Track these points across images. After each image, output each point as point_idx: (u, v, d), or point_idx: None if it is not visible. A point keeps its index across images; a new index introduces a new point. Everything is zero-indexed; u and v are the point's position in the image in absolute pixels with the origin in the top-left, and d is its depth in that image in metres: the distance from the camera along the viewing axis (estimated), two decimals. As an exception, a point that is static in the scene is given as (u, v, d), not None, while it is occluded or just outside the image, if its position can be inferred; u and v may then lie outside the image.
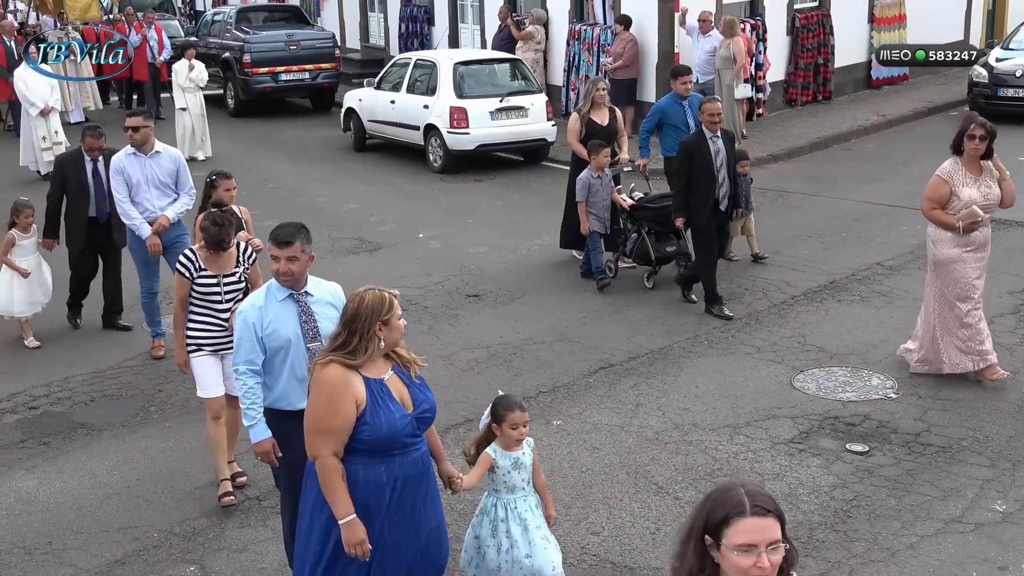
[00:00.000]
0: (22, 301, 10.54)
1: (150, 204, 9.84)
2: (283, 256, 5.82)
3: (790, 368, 9.47)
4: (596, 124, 12.13)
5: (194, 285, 7.27)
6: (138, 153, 9.83)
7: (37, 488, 7.84)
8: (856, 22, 21.59)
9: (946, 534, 6.84)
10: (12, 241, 10.45)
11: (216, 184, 8.69)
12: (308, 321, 5.92)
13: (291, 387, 5.96)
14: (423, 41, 24.73)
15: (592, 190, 11.48)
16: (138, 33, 22.37)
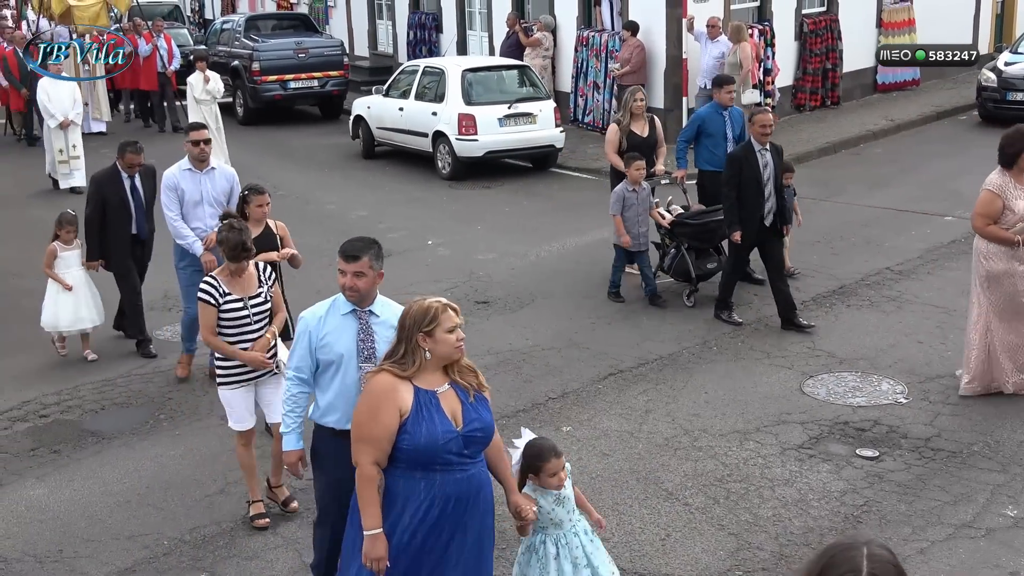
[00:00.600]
0: (68, 316, 10.28)
1: (202, 223, 9.47)
2: (350, 271, 5.61)
3: (800, 373, 9.45)
4: (636, 135, 11.86)
5: (220, 312, 7.06)
6: (194, 169, 9.49)
7: (48, 496, 7.86)
8: (864, 27, 21.57)
9: (957, 539, 6.82)
10: (54, 253, 10.27)
11: (248, 199, 8.51)
12: (366, 340, 5.69)
13: (338, 404, 5.73)
14: (431, 48, 24.76)
15: (627, 203, 11.12)
16: (148, 43, 22.25)
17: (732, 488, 7.54)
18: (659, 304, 11.19)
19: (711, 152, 11.81)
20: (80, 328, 10.38)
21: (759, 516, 7.17)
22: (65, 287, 10.23)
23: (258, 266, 7.34)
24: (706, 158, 11.93)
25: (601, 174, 17.43)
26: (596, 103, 20.23)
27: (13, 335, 11.22)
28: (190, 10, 37.32)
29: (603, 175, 17.34)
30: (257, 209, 8.49)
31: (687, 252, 11.26)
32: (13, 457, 8.50)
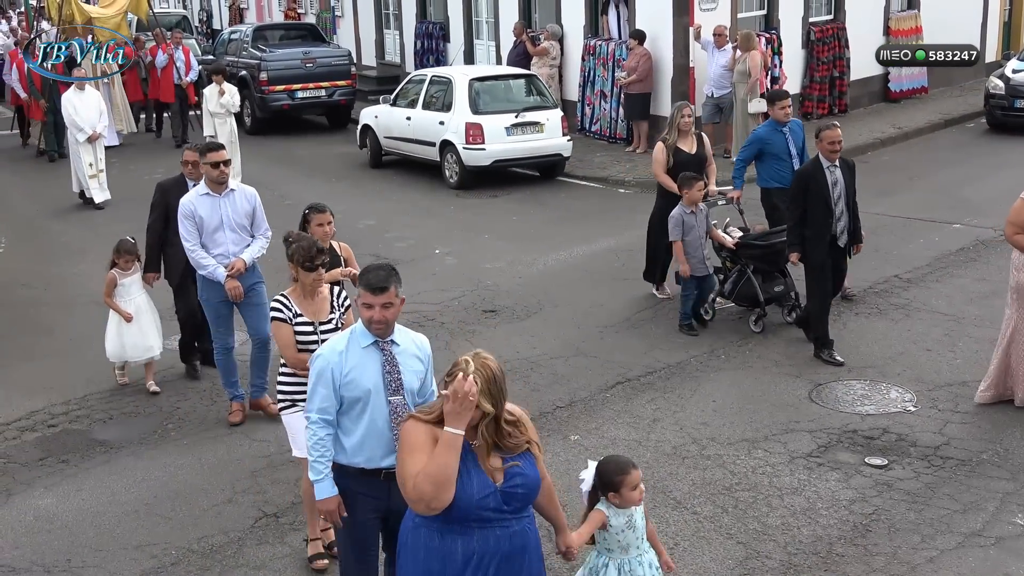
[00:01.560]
0: (135, 346, 9.78)
1: (224, 249, 8.79)
2: (378, 303, 5.26)
3: (808, 382, 9.43)
4: (684, 153, 11.35)
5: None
6: (211, 192, 8.77)
7: (56, 505, 7.86)
8: (871, 34, 21.56)
9: (967, 548, 6.79)
10: (114, 281, 9.74)
11: (309, 218, 8.01)
12: (392, 372, 5.37)
13: (369, 442, 5.42)
14: (438, 58, 24.81)
15: (686, 227, 10.53)
16: (164, 53, 22.07)
17: (740, 497, 7.52)
18: (700, 323, 10.78)
19: (777, 170, 11.37)
20: (148, 356, 9.89)
21: (768, 525, 7.15)
22: (126, 318, 9.71)
23: (332, 290, 6.93)
24: (773, 176, 11.46)
25: (608, 183, 17.51)
26: (603, 112, 20.24)
27: (22, 345, 11.24)
28: (198, 20, 37.45)
29: (610, 183, 17.46)
30: (319, 228, 7.92)
31: (753, 275, 10.69)
32: (22, 467, 8.51)
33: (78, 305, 12.46)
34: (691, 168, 11.04)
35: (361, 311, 5.33)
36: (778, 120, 11.47)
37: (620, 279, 12.50)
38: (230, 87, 18.11)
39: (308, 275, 6.68)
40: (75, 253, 14.66)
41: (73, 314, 12.16)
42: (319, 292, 6.80)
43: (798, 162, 11.16)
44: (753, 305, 10.75)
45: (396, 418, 5.32)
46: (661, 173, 11.36)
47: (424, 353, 5.54)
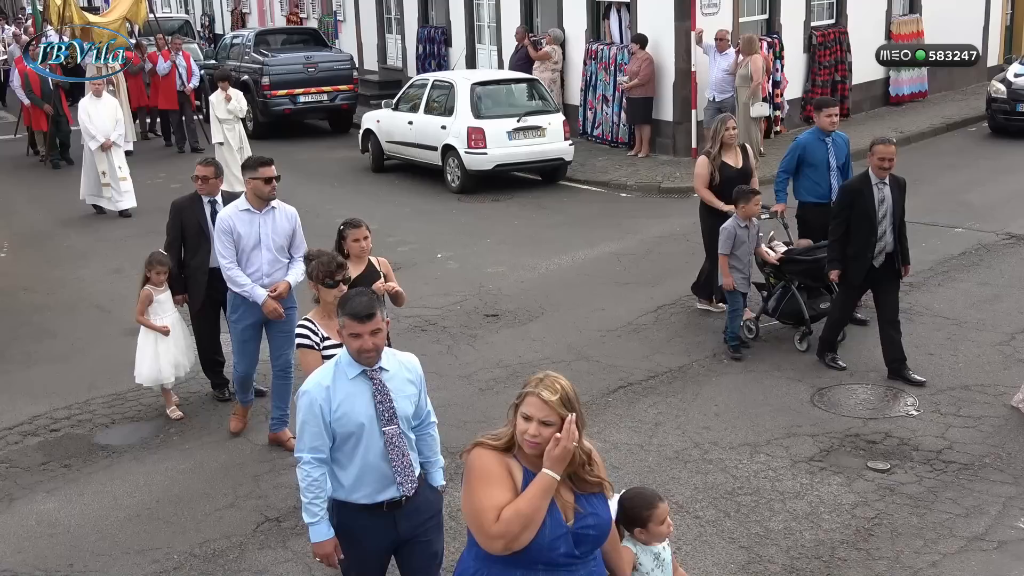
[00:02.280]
0: (169, 365, 9.31)
1: (259, 269, 8.35)
2: (366, 331, 5.02)
3: (810, 386, 9.43)
4: (730, 167, 10.82)
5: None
6: (252, 209, 8.27)
7: (58, 510, 7.86)
8: (873, 39, 21.52)
9: (969, 552, 6.79)
10: (149, 298, 9.24)
11: (344, 233, 7.63)
12: (383, 401, 5.12)
13: (367, 477, 5.17)
14: (440, 62, 24.83)
15: (737, 241, 10.08)
16: (166, 60, 21.93)
17: (743, 501, 7.52)
18: (734, 356, 10.16)
19: (814, 183, 10.80)
20: (172, 380, 9.43)
21: (770, 529, 7.14)
22: (163, 331, 9.23)
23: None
24: (808, 189, 10.88)
25: (610, 187, 17.52)
26: (605, 116, 20.25)
27: (24, 349, 11.25)
28: (200, 25, 37.48)
29: (612, 188, 17.47)
30: (355, 244, 7.55)
31: (798, 291, 10.31)
32: (24, 471, 8.51)
33: (80, 310, 12.49)
34: (738, 182, 10.53)
35: (349, 342, 5.08)
36: (823, 128, 10.85)
37: (622, 283, 12.50)
38: (236, 92, 17.92)
39: (329, 292, 6.40)
40: (77, 258, 14.68)
41: (75, 319, 12.18)
42: None
43: (837, 176, 10.76)
44: (798, 323, 10.36)
45: (392, 448, 5.14)
46: (703, 189, 10.87)
47: (415, 375, 5.32)
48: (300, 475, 5.18)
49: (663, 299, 11.81)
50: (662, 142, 19.18)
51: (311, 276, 6.49)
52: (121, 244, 15.13)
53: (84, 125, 16.44)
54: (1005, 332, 10.41)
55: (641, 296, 11.96)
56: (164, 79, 22.02)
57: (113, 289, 13.19)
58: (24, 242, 15.73)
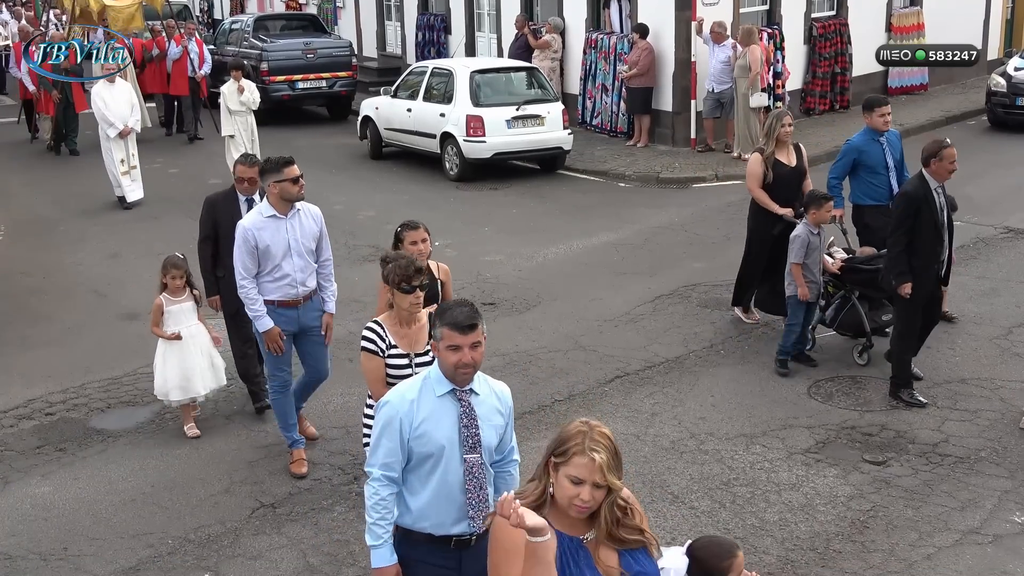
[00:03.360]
0: (185, 379, 8.58)
1: (291, 275, 7.73)
2: (467, 344, 4.56)
3: (806, 378, 9.43)
4: (784, 166, 10.28)
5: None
6: (278, 215, 7.65)
7: (53, 494, 7.85)
8: (874, 31, 21.52)
9: (964, 545, 6.79)
10: (161, 308, 8.52)
11: (401, 236, 7.17)
12: (469, 426, 4.67)
13: (438, 505, 4.72)
14: (440, 50, 24.77)
15: (810, 249, 9.46)
16: (178, 45, 21.33)
17: (738, 492, 7.52)
18: (808, 364, 9.70)
19: (872, 185, 10.37)
20: (188, 397, 8.69)
21: (765, 520, 7.14)
22: (173, 338, 8.53)
23: (431, 318, 5.80)
24: (864, 191, 10.44)
25: (609, 176, 17.49)
26: (604, 105, 20.22)
27: (20, 333, 11.23)
28: (199, 10, 37.37)
29: (610, 177, 17.44)
30: (412, 247, 7.03)
31: (858, 302, 9.73)
32: (19, 455, 8.50)
33: (77, 294, 12.47)
34: (791, 183, 10.20)
35: (445, 356, 4.59)
36: (876, 128, 10.42)
37: (620, 273, 12.49)
38: (249, 83, 17.20)
39: (405, 298, 5.87)
40: (74, 242, 14.65)
41: (72, 303, 12.16)
42: (417, 319, 5.99)
43: (895, 176, 10.36)
44: (858, 335, 9.83)
45: (471, 479, 4.69)
46: (756, 188, 10.27)
47: (506, 405, 4.85)
48: (367, 492, 4.74)
49: (661, 289, 11.81)
50: (661, 132, 19.16)
51: (386, 280, 5.98)
52: (118, 229, 15.12)
53: (101, 112, 15.87)
54: (1002, 326, 10.41)
55: (639, 286, 11.95)
56: (175, 65, 21.53)
57: (110, 273, 13.17)
58: (21, 226, 15.69)
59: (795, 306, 9.56)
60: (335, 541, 7.12)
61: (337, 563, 6.87)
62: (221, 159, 17.80)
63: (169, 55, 21.53)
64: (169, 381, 8.56)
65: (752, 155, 10.58)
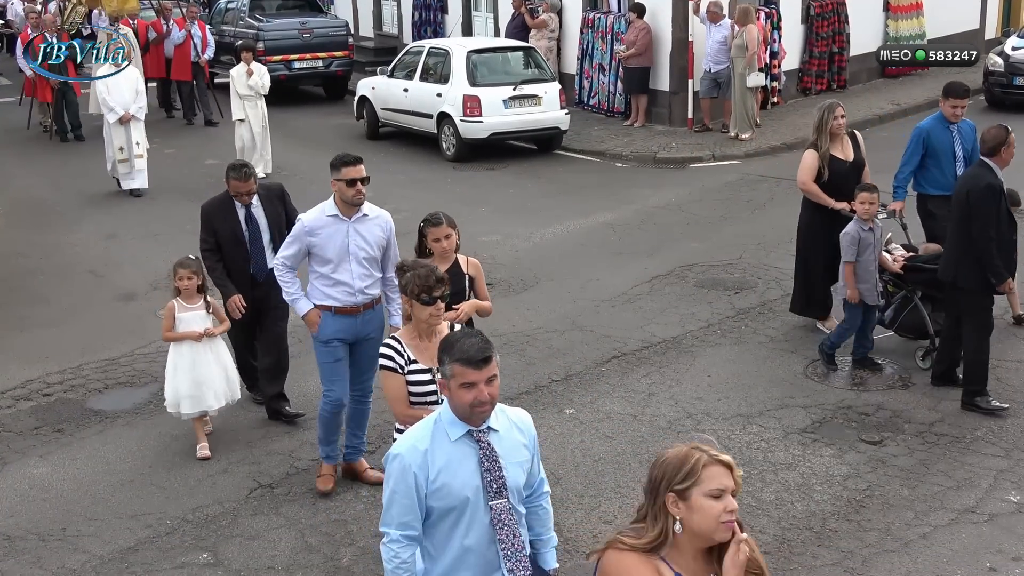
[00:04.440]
0: (197, 389, 7.99)
1: (349, 282, 7.19)
2: (482, 379, 4.14)
3: (803, 358, 9.44)
4: (840, 161, 9.65)
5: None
6: (340, 215, 7.17)
7: (51, 474, 7.87)
8: (871, 10, 21.48)
9: (960, 524, 6.82)
10: (173, 312, 7.98)
11: (424, 232, 6.89)
12: (492, 470, 4.22)
13: (466, 562, 4.28)
14: (436, 29, 24.69)
15: (862, 246, 8.85)
16: (181, 29, 20.98)
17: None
18: (870, 367, 9.15)
19: (938, 173, 9.88)
20: (199, 410, 8.09)
21: (761, 500, 7.16)
22: (194, 337, 7.96)
23: (452, 327, 5.79)
24: (931, 180, 9.95)
25: (606, 156, 17.47)
26: (601, 85, 20.18)
27: (17, 314, 11.23)
28: (195, -11, 37.19)
29: (607, 157, 17.42)
30: (436, 244, 6.78)
31: (921, 303, 9.19)
32: (16, 435, 8.51)
33: (74, 275, 12.46)
34: (850, 178, 9.55)
35: (458, 395, 4.15)
36: (948, 117, 9.90)
37: (616, 253, 12.49)
38: (259, 66, 16.79)
39: (424, 310, 5.48)
40: (71, 223, 14.63)
41: (69, 284, 12.15)
42: (438, 331, 5.60)
43: (964, 167, 9.70)
44: (920, 337, 9.30)
45: (502, 527, 4.26)
46: (810, 182, 9.66)
47: (529, 436, 4.41)
48: (386, 555, 4.29)
49: (658, 269, 11.81)
50: (658, 112, 19.12)
51: (404, 290, 5.59)
52: (115, 210, 15.09)
53: (102, 97, 15.59)
54: (999, 306, 10.38)
55: (636, 266, 11.95)
56: (178, 49, 21.02)
57: (107, 255, 13.16)
58: (18, 207, 15.66)
59: (851, 308, 8.95)
60: (333, 521, 7.13)
61: (335, 543, 6.89)
62: (218, 140, 17.80)
63: (171, 39, 21.02)
64: (180, 391, 7.97)
65: (807, 151, 9.80)
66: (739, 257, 12.08)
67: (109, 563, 6.74)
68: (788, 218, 13.40)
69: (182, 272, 7.94)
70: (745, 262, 11.92)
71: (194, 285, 7.96)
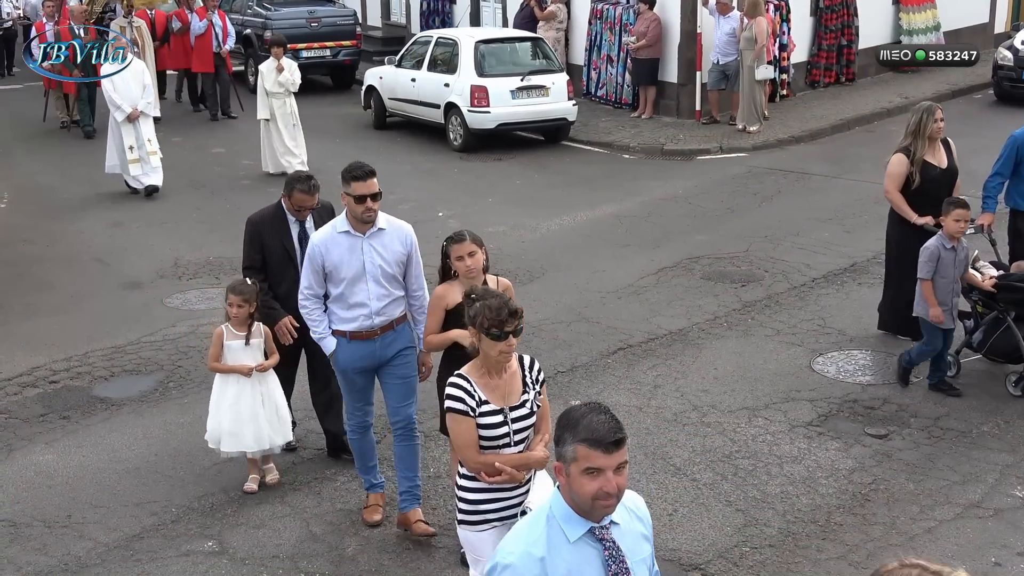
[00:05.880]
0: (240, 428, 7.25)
1: (366, 303, 6.58)
2: (611, 466, 3.44)
3: (809, 351, 9.43)
4: (933, 168, 9.00)
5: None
6: (353, 232, 6.54)
7: (57, 462, 7.88)
8: (881, 3, 21.41)
9: (965, 519, 6.81)
10: (220, 339, 7.25)
11: (447, 251, 6.36)
12: (619, 573, 3.53)
13: None
14: (444, 19, 24.65)
15: (941, 264, 8.29)
16: (201, 19, 20.31)
17: (740, 464, 7.53)
18: (949, 392, 8.57)
19: None
20: (238, 450, 7.37)
21: (767, 493, 7.16)
22: (242, 372, 7.23)
23: (523, 360, 5.14)
24: (1022, 194, 9.36)
25: (613, 148, 17.44)
26: (609, 76, 20.13)
27: (24, 301, 11.24)
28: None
29: (615, 149, 17.39)
30: (459, 263, 6.25)
31: (1015, 324, 8.56)
32: (23, 423, 8.53)
33: (80, 262, 12.47)
34: (942, 186, 8.95)
35: (580, 483, 3.44)
36: None
37: (623, 245, 12.48)
38: (289, 62, 16.05)
39: (495, 345, 4.92)
40: (77, 210, 14.64)
41: (74, 271, 12.17)
42: (508, 367, 5.05)
43: None
44: (1012, 361, 8.68)
45: None
46: (894, 191, 9.01)
47: (647, 524, 3.77)
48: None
49: (664, 261, 11.80)
50: (666, 104, 19.09)
51: (473, 322, 5.00)
52: (121, 198, 15.08)
53: (108, 94, 14.88)
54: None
55: (642, 258, 11.94)
56: (199, 40, 20.31)
57: (112, 242, 13.17)
58: (24, 194, 15.67)
59: (930, 329, 8.39)
60: (338, 510, 7.14)
61: (340, 532, 6.90)
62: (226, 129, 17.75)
63: (193, 29, 20.45)
64: (222, 426, 7.28)
65: (895, 156, 9.11)
66: (746, 250, 12.06)
67: (114, 550, 6.76)
68: (795, 211, 13.45)
69: (234, 299, 7.17)
70: (752, 255, 11.90)
71: (245, 313, 7.19)
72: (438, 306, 6.36)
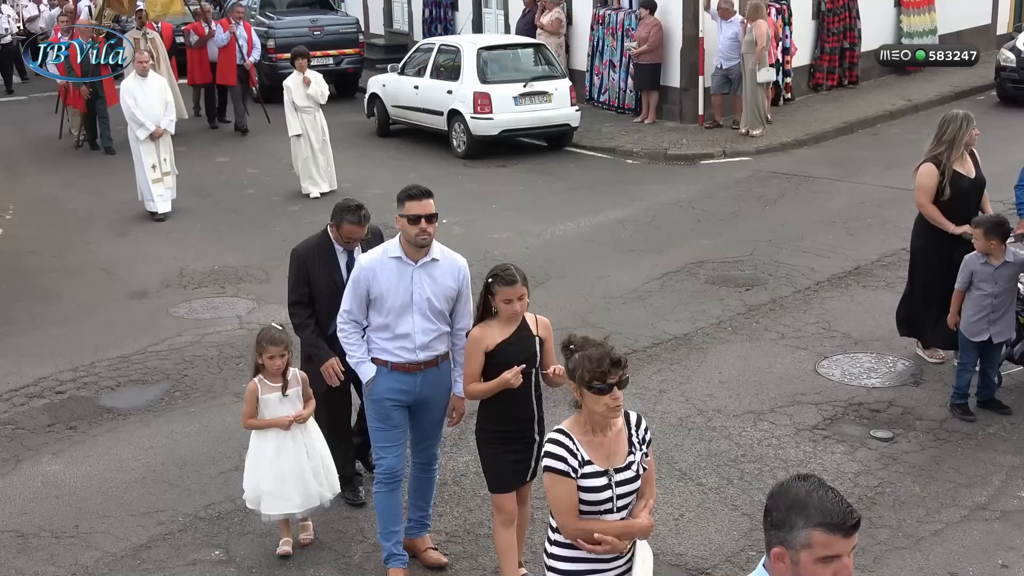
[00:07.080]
0: (272, 494, 6.62)
1: (410, 335, 6.14)
2: (847, 551, 3.19)
3: (814, 354, 9.43)
4: (963, 178, 8.72)
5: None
6: (405, 259, 6.10)
7: (64, 472, 7.90)
8: (883, 6, 21.41)
9: (971, 521, 6.81)
10: (255, 394, 6.59)
11: (492, 290, 5.73)
12: None
13: None
14: (447, 26, 24.70)
15: (977, 278, 8.02)
16: (225, 31, 19.98)
17: (746, 468, 7.54)
18: (999, 411, 8.22)
19: None
20: (282, 513, 6.72)
21: (772, 497, 7.15)
22: (282, 425, 6.57)
23: (628, 417, 4.65)
24: None
25: (616, 153, 17.46)
26: (612, 82, 20.15)
27: (30, 312, 11.27)
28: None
29: (618, 154, 17.42)
30: (506, 306, 5.71)
31: None
32: (30, 433, 8.55)
33: (86, 272, 12.51)
34: (971, 196, 8.73)
35: (815, 572, 3.18)
36: None
37: (627, 250, 12.49)
38: (315, 75, 15.45)
39: (599, 400, 4.44)
40: (83, 220, 14.67)
41: (81, 281, 12.20)
42: (614, 423, 4.58)
43: None
44: None
45: None
46: (929, 204, 8.73)
47: None
48: None
49: (668, 266, 11.81)
50: (669, 108, 19.10)
51: (572, 375, 4.57)
52: (127, 208, 15.10)
53: (130, 110, 14.23)
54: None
55: (646, 263, 11.95)
56: (222, 52, 19.95)
57: (118, 253, 13.20)
58: (30, 204, 15.72)
59: (964, 343, 8.15)
60: (344, 518, 7.15)
61: (347, 540, 6.91)
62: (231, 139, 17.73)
63: (216, 41, 20.05)
64: (261, 486, 6.65)
65: (924, 166, 8.82)
66: (750, 254, 12.07)
67: (122, 560, 6.77)
68: (799, 214, 13.45)
69: (274, 350, 6.53)
70: (756, 259, 11.91)
71: (284, 364, 6.60)
72: (476, 350, 5.79)
